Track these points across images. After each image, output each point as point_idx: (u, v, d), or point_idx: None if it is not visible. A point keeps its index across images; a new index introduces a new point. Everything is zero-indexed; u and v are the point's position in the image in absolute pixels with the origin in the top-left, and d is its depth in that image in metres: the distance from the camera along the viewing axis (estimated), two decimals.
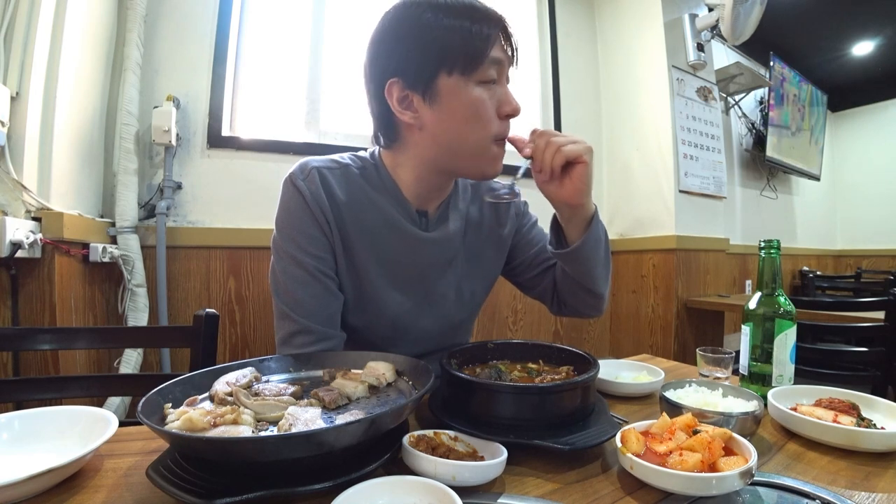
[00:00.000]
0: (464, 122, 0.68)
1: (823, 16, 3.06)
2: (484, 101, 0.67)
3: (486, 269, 0.89)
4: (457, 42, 0.65)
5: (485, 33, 0.65)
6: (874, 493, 0.45)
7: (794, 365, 0.72)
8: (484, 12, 0.67)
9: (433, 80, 0.66)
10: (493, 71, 0.67)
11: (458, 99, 0.67)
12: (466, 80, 0.66)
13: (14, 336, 0.88)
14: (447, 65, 0.65)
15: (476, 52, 0.65)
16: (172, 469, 0.42)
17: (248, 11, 1.83)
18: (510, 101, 0.70)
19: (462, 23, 0.65)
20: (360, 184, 0.77)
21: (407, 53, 0.67)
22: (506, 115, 0.69)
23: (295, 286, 0.74)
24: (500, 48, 0.67)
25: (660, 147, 2.37)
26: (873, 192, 4.02)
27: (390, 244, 0.77)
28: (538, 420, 0.55)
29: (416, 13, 0.66)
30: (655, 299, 2.37)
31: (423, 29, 0.66)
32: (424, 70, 0.66)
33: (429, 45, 0.65)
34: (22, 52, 1.19)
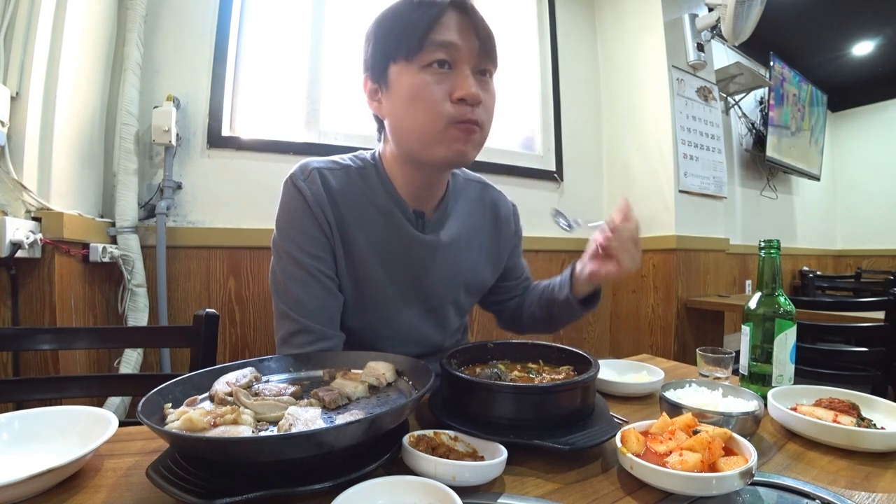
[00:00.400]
0: (407, 105, 0.68)
1: (823, 16, 3.06)
2: (426, 84, 0.66)
3: (483, 275, 0.90)
4: (399, 28, 0.66)
5: (425, 16, 0.65)
6: (874, 493, 0.45)
7: (794, 365, 0.72)
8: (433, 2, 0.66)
9: (386, 70, 0.69)
10: (439, 54, 0.65)
11: (401, 84, 0.68)
12: (409, 64, 0.66)
13: (14, 336, 0.88)
14: (392, 52, 0.67)
15: (414, 35, 0.65)
16: (172, 469, 0.42)
17: (248, 11, 1.83)
18: (463, 87, 0.66)
19: (404, 9, 0.67)
20: (360, 184, 0.77)
21: (370, 48, 0.71)
22: (458, 99, 0.66)
23: (295, 286, 0.74)
24: (450, 31, 0.66)
25: (660, 147, 2.37)
26: (873, 192, 4.02)
27: (389, 244, 0.78)
28: (538, 420, 0.55)
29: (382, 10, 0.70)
30: (655, 299, 2.37)
31: (380, 22, 0.69)
32: (380, 61, 0.69)
33: (381, 37, 0.69)
34: (22, 52, 1.19)
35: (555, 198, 2.51)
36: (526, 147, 2.50)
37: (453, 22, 0.66)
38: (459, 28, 0.66)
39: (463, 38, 0.66)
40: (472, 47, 0.67)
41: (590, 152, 2.67)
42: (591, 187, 2.66)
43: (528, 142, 2.51)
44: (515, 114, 2.48)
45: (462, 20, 0.66)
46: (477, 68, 0.68)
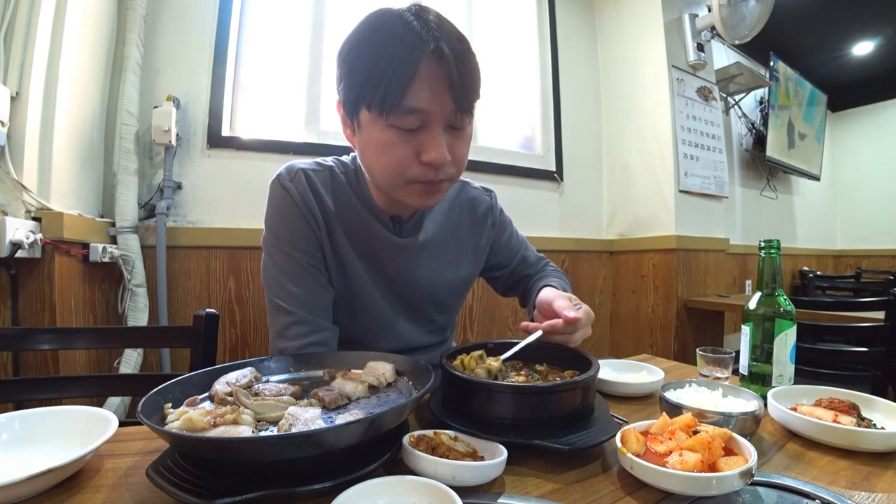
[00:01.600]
0: (375, 157, 0.67)
1: (823, 16, 3.06)
2: (394, 144, 0.64)
3: (461, 276, 0.91)
4: (373, 78, 0.61)
5: (399, 73, 0.59)
6: (874, 493, 0.45)
7: (794, 365, 0.72)
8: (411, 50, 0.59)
9: (357, 111, 0.66)
10: (410, 120, 0.62)
11: (371, 134, 0.66)
12: (379, 118, 0.63)
13: (14, 336, 0.88)
14: (366, 100, 0.63)
15: (387, 97, 0.60)
16: (172, 469, 0.42)
17: (248, 11, 1.83)
18: (430, 150, 0.63)
19: (377, 54, 0.61)
20: (343, 186, 0.79)
21: (343, 76, 0.67)
22: (425, 162, 0.64)
23: (288, 280, 0.75)
24: (423, 93, 0.61)
25: (660, 147, 2.37)
26: (873, 192, 4.02)
27: (370, 246, 0.80)
28: (538, 420, 0.55)
29: (359, 36, 0.64)
30: (655, 299, 2.37)
31: (357, 56, 0.63)
32: (351, 99, 0.66)
33: (356, 75, 0.64)
34: (22, 52, 1.19)
35: (555, 198, 2.51)
36: (526, 147, 2.50)
37: (428, 77, 0.60)
38: (434, 85, 0.61)
39: (437, 98, 0.62)
40: (445, 107, 0.63)
41: (590, 152, 2.67)
42: (591, 187, 2.67)
43: (528, 142, 2.51)
44: (515, 114, 2.48)
45: (438, 72, 0.61)
46: (449, 125, 0.65)
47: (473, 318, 2.18)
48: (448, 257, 0.88)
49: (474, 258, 0.93)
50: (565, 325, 0.70)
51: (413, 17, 0.62)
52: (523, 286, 0.99)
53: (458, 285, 0.92)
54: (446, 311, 0.93)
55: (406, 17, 0.62)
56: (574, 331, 0.71)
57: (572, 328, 0.71)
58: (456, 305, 0.96)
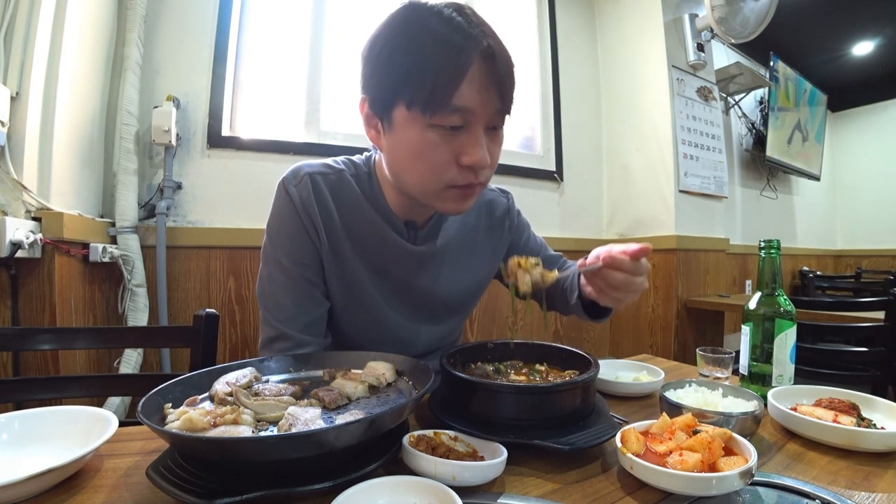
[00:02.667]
0: (409, 159, 0.64)
1: (823, 16, 3.05)
2: (434, 145, 0.61)
3: (478, 280, 0.89)
4: (415, 75, 0.58)
5: (447, 72, 0.57)
6: (874, 493, 0.45)
7: (794, 365, 0.72)
8: (461, 48, 0.58)
9: (390, 109, 0.62)
10: (455, 119, 0.60)
11: (406, 134, 0.62)
12: (422, 118, 0.60)
13: (14, 336, 0.88)
14: (406, 97, 0.60)
15: (434, 96, 0.58)
16: (172, 469, 0.42)
17: (248, 11, 1.83)
18: (472, 152, 0.61)
19: (422, 50, 0.58)
20: (354, 191, 0.76)
21: (374, 73, 0.63)
22: (465, 165, 0.62)
23: (277, 291, 0.74)
24: (471, 92, 0.59)
25: (660, 147, 2.37)
26: (873, 192, 4.02)
27: (380, 254, 0.77)
28: (538, 420, 0.55)
29: (391, 32, 0.61)
30: (655, 299, 2.37)
31: (393, 52, 0.60)
32: (384, 96, 0.63)
33: (393, 71, 0.61)
34: (22, 52, 1.19)
35: (555, 198, 2.51)
36: (526, 147, 2.50)
37: (478, 75, 0.59)
38: (482, 84, 0.59)
39: (483, 98, 0.60)
40: (490, 107, 0.61)
41: (590, 152, 2.67)
42: (591, 187, 2.67)
43: (528, 142, 2.51)
44: (515, 114, 2.47)
45: (487, 72, 0.59)
46: (490, 125, 0.64)
47: (473, 318, 2.18)
48: (464, 263, 0.85)
49: (490, 262, 0.90)
50: (632, 261, 0.63)
51: (456, 14, 0.60)
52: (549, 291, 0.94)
53: (474, 290, 0.89)
54: (459, 316, 0.91)
55: (447, 13, 0.59)
56: (639, 271, 0.65)
57: (637, 266, 0.64)
58: (469, 309, 0.94)
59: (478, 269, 0.88)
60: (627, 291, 0.66)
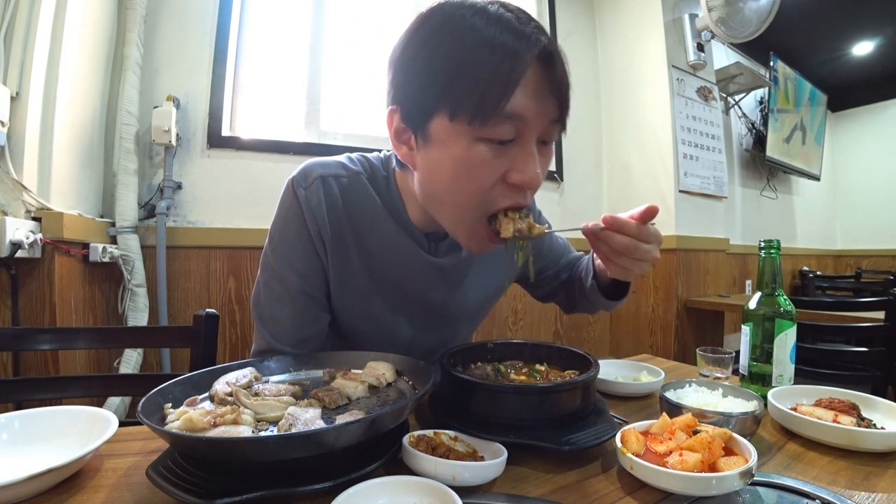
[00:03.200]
0: (450, 179, 0.56)
1: (823, 16, 3.05)
2: (481, 162, 0.54)
3: (496, 287, 0.85)
4: (462, 80, 0.51)
5: (502, 77, 0.50)
6: (874, 493, 0.45)
7: (794, 365, 0.72)
8: (514, 50, 0.50)
9: (427, 121, 0.55)
10: (507, 128, 0.52)
11: (448, 149, 0.54)
12: (468, 129, 0.52)
13: (14, 336, 0.88)
14: (449, 107, 0.52)
15: (485, 104, 0.50)
16: (172, 469, 0.42)
17: (248, 11, 1.83)
18: (523, 168, 0.54)
19: (471, 53, 0.50)
20: (370, 197, 0.69)
21: (408, 81, 0.56)
22: (513, 183, 0.55)
23: (273, 303, 0.70)
24: (526, 97, 0.52)
25: (660, 147, 2.37)
26: (873, 192, 4.02)
27: (396, 265, 0.72)
28: (538, 420, 0.55)
29: (428, 34, 0.54)
30: (655, 299, 2.37)
31: (432, 56, 0.53)
32: (421, 106, 0.55)
33: (432, 78, 0.53)
34: (22, 52, 1.19)
35: (555, 198, 2.51)
36: None
37: (532, 82, 0.52)
38: (538, 89, 0.53)
39: (539, 105, 0.53)
40: (545, 116, 0.55)
41: (590, 152, 2.67)
42: (591, 187, 2.67)
43: None
44: None
45: (544, 76, 0.53)
46: (543, 138, 0.57)
47: None
48: (486, 272, 0.79)
49: (510, 266, 0.84)
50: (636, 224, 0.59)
51: (503, 9, 0.53)
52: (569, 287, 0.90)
53: (494, 298, 0.86)
54: (475, 323, 0.89)
55: (493, 10, 0.52)
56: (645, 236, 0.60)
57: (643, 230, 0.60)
58: (483, 317, 0.91)
59: (499, 276, 0.83)
60: (634, 258, 0.61)
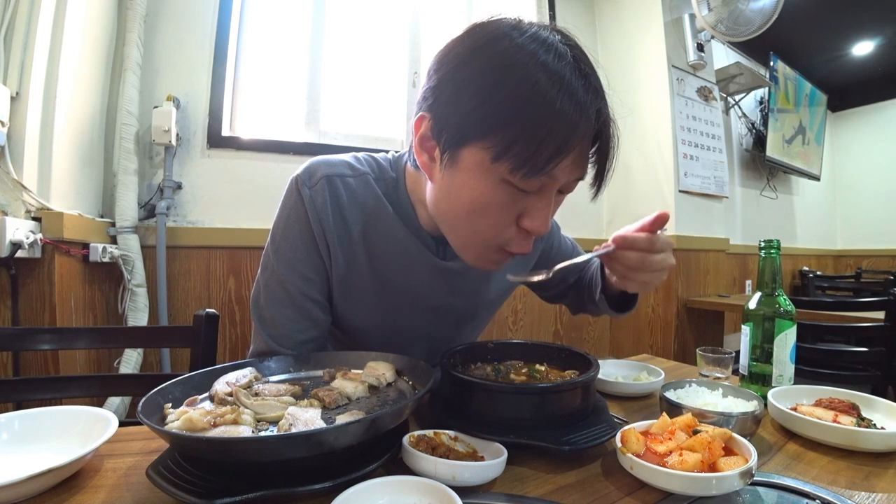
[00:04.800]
0: (468, 210, 0.56)
1: (823, 16, 3.05)
2: (501, 203, 0.54)
3: (503, 289, 0.84)
4: (522, 136, 0.49)
5: (561, 150, 0.50)
6: (874, 493, 0.45)
7: (794, 365, 0.72)
8: (576, 121, 0.50)
9: (461, 146, 0.53)
10: (536, 183, 0.53)
11: (474, 183, 0.54)
12: (504, 174, 0.51)
13: (14, 336, 0.88)
14: (491, 147, 0.51)
15: (538, 164, 0.50)
16: (172, 469, 0.42)
17: (248, 11, 1.83)
18: (536, 217, 0.56)
19: (542, 118, 0.49)
20: (377, 198, 0.68)
21: (455, 102, 0.53)
22: (525, 228, 0.57)
23: (273, 304, 0.69)
24: (568, 164, 0.52)
25: (660, 147, 2.37)
26: (873, 192, 4.02)
27: (402, 268, 0.71)
28: (538, 420, 0.55)
29: (490, 62, 0.51)
30: (655, 299, 2.37)
31: (492, 89, 0.50)
32: (461, 130, 0.53)
33: (485, 112, 0.50)
34: (22, 52, 1.19)
35: None
36: None
37: (580, 148, 0.53)
38: (581, 156, 0.54)
39: (575, 167, 0.54)
40: (573, 176, 0.55)
41: None
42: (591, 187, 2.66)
43: None
44: None
45: (588, 140, 0.54)
46: (562, 190, 0.58)
47: None
48: (494, 275, 0.78)
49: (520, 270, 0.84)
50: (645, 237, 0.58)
51: (573, 60, 0.51)
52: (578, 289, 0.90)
53: (501, 301, 0.86)
54: (481, 325, 0.89)
55: (562, 51, 0.51)
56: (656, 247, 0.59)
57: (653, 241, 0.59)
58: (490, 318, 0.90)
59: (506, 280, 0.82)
60: (649, 271, 0.60)
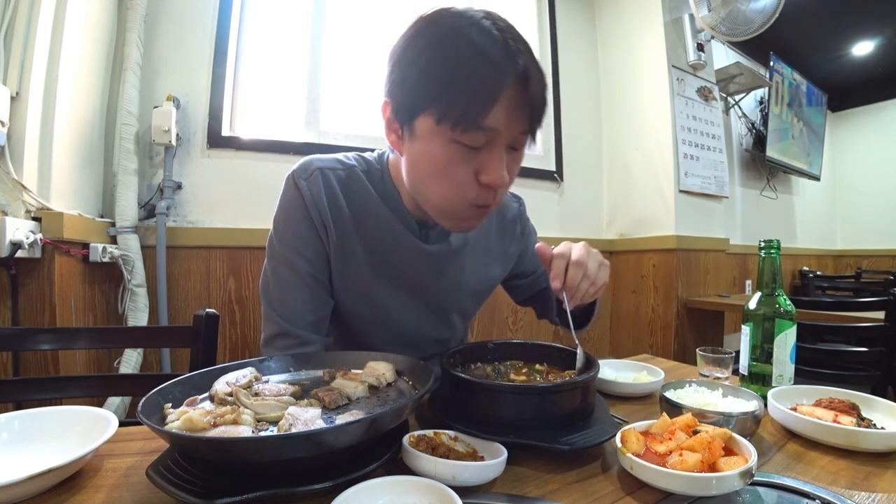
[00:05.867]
0: (429, 173, 0.63)
1: (823, 16, 3.05)
2: (455, 162, 0.60)
3: (487, 282, 0.89)
4: (454, 93, 0.56)
5: (482, 93, 0.55)
6: (874, 493, 0.45)
7: (794, 365, 0.72)
8: (498, 67, 0.55)
9: (415, 118, 0.61)
10: (480, 139, 0.59)
11: (428, 147, 0.61)
12: (448, 133, 0.58)
13: (14, 336, 0.88)
14: (437, 111, 0.57)
15: (465, 116, 0.56)
16: (172, 469, 0.42)
17: (248, 11, 1.83)
18: (492, 171, 0.60)
19: (458, 64, 0.56)
20: (365, 188, 0.74)
21: (405, 80, 0.61)
22: (483, 183, 0.62)
23: (283, 288, 0.73)
24: (501, 113, 0.57)
25: (660, 147, 2.37)
26: (873, 192, 4.02)
27: (391, 252, 0.76)
28: (538, 420, 0.55)
29: (428, 40, 0.59)
30: (655, 299, 2.37)
31: (430, 62, 0.57)
32: (412, 105, 0.60)
33: (427, 82, 0.58)
34: (22, 52, 1.19)
35: (555, 198, 2.51)
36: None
37: (511, 98, 0.57)
38: (512, 107, 0.58)
39: (511, 120, 0.58)
40: (516, 129, 0.60)
41: (590, 152, 2.67)
42: (591, 187, 2.67)
43: None
44: None
45: (520, 94, 0.58)
46: (513, 145, 0.63)
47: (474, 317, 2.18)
48: (476, 264, 0.84)
49: (502, 265, 0.90)
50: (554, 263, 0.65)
51: (493, 27, 0.57)
52: (544, 298, 0.96)
53: (484, 292, 0.89)
54: (468, 318, 0.92)
55: (485, 24, 0.57)
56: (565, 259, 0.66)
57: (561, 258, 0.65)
58: (475, 311, 0.94)
59: (488, 271, 0.87)
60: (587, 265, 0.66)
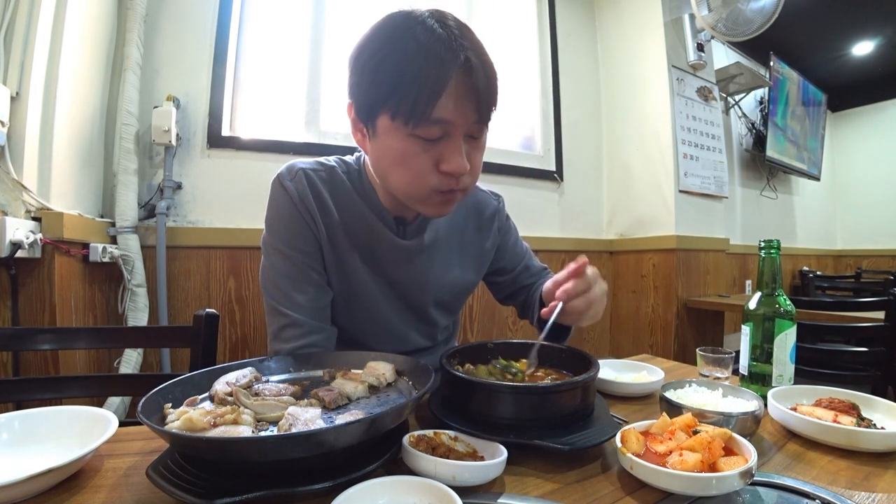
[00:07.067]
0: (392, 165, 0.67)
1: (823, 16, 3.05)
2: (414, 154, 0.64)
3: (465, 279, 0.90)
4: (397, 88, 0.60)
5: (428, 85, 0.59)
6: (874, 493, 0.45)
7: (794, 365, 0.72)
8: (441, 61, 0.59)
9: (375, 117, 0.64)
10: (434, 131, 0.62)
11: (388, 142, 0.65)
12: (404, 128, 0.62)
13: (14, 336, 0.88)
14: (390, 108, 0.61)
15: (414, 110, 0.59)
16: (172, 469, 0.42)
17: (248, 11, 1.83)
18: (450, 160, 0.64)
19: (403, 62, 0.59)
20: (345, 186, 0.78)
21: (361, 82, 0.64)
22: (444, 172, 0.65)
23: (284, 281, 0.75)
24: (449, 104, 0.60)
25: (660, 147, 2.37)
26: (873, 192, 4.02)
27: (373, 248, 0.80)
28: (538, 420, 0.55)
29: (378, 42, 0.62)
30: (655, 299, 2.37)
31: (380, 62, 0.61)
32: (369, 104, 0.64)
33: (379, 82, 0.62)
34: (22, 52, 1.19)
35: (555, 198, 2.51)
36: (526, 147, 2.49)
37: (456, 89, 0.60)
38: (460, 96, 0.61)
39: (461, 109, 0.62)
40: (467, 118, 0.63)
41: (590, 152, 2.67)
42: (591, 187, 2.67)
43: (528, 142, 2.51)
44: (515, 114, 2.48)
45: (465, 85, 0.61)
46: (469, 134, 0.66)
47: (473, 318, 2.18)
48: (452, 259, 0.87)
49: (479, 261, 0.92)
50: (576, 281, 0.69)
51: (437, 25, 0.60)
52: (524, 295, 0.98)
53: (462, 287, 0.91)
54: (449, 313, 0.93)
55: (429, 23, 0.60)
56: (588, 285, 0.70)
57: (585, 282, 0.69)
58: (458, 307, 0.96)
59: (465, 268, 0.90)
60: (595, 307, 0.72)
